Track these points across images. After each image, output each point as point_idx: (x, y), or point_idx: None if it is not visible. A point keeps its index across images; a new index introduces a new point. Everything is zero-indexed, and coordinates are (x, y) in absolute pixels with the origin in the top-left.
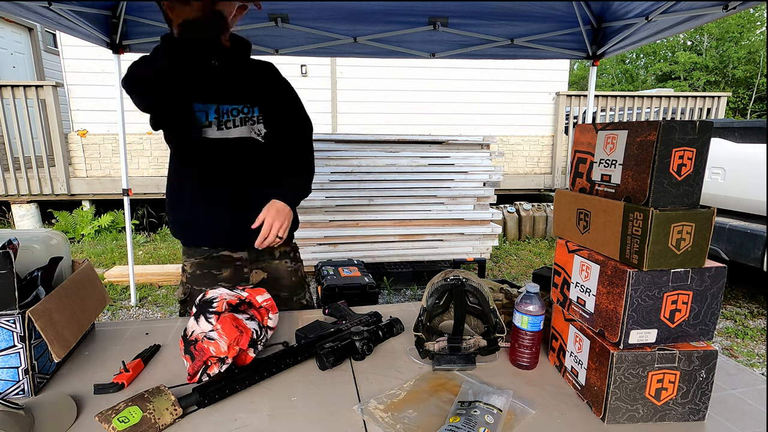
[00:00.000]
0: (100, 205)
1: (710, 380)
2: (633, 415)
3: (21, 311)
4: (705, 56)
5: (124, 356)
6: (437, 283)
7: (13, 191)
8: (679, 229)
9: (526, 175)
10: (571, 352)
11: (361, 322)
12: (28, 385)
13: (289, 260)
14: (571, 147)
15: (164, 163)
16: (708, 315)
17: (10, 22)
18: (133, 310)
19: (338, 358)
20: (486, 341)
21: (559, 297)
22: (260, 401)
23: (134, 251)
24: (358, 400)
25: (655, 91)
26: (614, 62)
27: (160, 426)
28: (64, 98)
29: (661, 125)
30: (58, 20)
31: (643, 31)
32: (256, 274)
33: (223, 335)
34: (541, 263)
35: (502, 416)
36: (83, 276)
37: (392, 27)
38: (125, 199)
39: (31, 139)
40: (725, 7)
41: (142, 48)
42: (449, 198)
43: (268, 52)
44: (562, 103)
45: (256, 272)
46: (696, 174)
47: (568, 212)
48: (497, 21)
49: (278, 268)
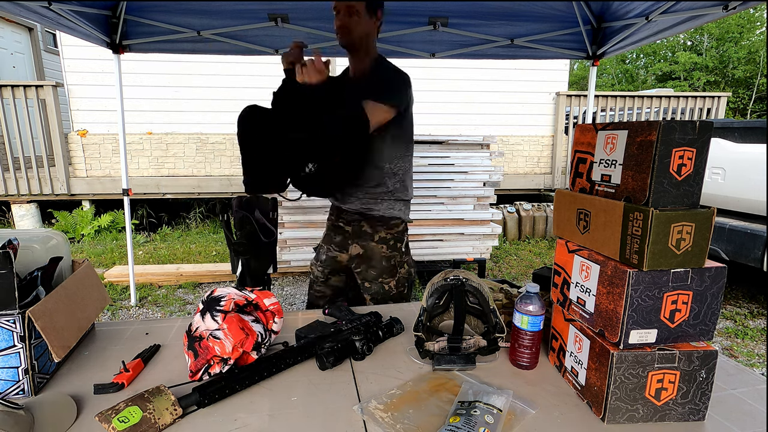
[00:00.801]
0: (100, 205)
1: (710, 380)
2: (633, 415)
3: (21, 311)
4: (705, 56)
5: (124, 356)
6: (437, 283)
7: (13, 191)
8: (679, 229)
9: (526, 175)
10: (571, 352)
11: (361, 322)
12: (28, 385)
13: (386, 246)
14: (571, 147)
15: (164, 163)
16: (708, 315)
17: (10, 22)
18: (133, 310)
19: (338, 358)
20: (486, 341)
21: (559, 297)
22: (260, 401)
23: (134, 251)
24: (358, 400)
25: (655, 91)
26: (614, 62)
27: (160, 426)
28: (64, 98)
29: (661, 125)
30: (58, 20)
31: (643, 31)
32: (354, 247)
33: (229, 336)
34: (541, 263)
35: (502, 416)
36: (83, 276)
37: (392, 27)
38: (125, 199)
39: (31, 139)
40: (725, 7)
41: (142, 48)
42: (449, 198)
43: (268, 52)
44: (562, 103)
45: (354, 246)
46: (696, 174)
47: (568, 212)
48: (497, 21)
49: (374, 250)
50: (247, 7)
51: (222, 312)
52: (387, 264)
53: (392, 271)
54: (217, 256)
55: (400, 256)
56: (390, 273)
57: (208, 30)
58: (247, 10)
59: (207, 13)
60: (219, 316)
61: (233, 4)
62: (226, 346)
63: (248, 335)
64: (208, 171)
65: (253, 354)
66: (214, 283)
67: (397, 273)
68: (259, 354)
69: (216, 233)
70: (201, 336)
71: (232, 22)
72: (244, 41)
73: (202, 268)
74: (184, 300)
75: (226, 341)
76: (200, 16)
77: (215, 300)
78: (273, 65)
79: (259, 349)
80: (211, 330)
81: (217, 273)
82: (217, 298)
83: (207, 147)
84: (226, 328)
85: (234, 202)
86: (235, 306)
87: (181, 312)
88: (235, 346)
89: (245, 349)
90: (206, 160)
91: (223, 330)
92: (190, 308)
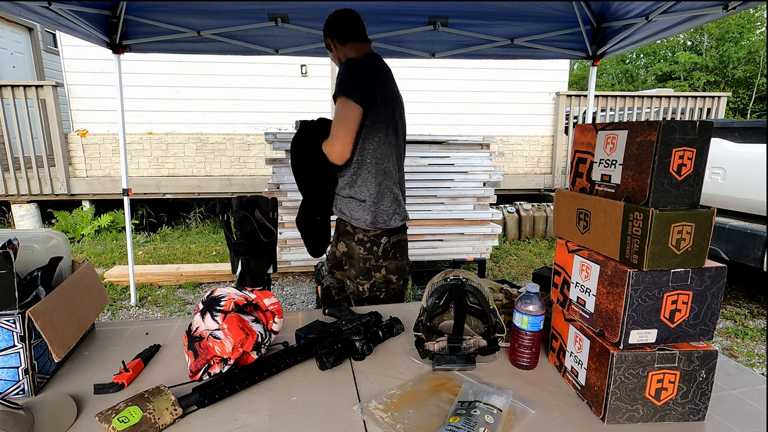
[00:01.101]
0: (100, 205)
1: (710, 380)
2: (633, 415)
3: (21, 311)
4: (705, 56)
5: (124, 356)
6: (437, 283)
7: (13, 191)
8: (679, 229)
9: (526, 175)
10: (571, 352)
11: (361, 322)
12: (28, 385)
13: (363, 249)
14: (571, 147)
15: (164, 163)
16: (708, 315)
17: (10, 22)
18: (133, 310)
19: (338, 358)
20: (486, 341)
21: (559, 297)
22: (260, 401)
23: (134, 251)
24: (358, 400)
25: (655, 91)
26: (614, 62)
27: (160, 426)
28: (64, 98)
29: (661, 125)
30: (58, 20)
31: (643, 31)
32: (341, 245)
33: (229, 336)
34: (541, 263)
35: (502, 416)
36: (83, 276)
37: (392, 27)
38: (125, 199)
39: (31, 139)
40: (725, 7)
41: (142, 48)
42: (449, 198)
43: (268, 52)
44: (562, 103)
45: (341, 243)
46: (696, 174)
47: (568, 212)
48: (497, 21)
49: (354, 250)
50: (247, 7)
51: (222, 312)
52: (362, 266)
53: (367, 274)
54: (217, 256)
55: (375, 260)
56: (365, 276)
57: (208, 30)
58: (247, 10)
59: (207, 13)
60: (219, 316)
61: (233, 4)
62: (226, 346)
63: (248, 335)
64: (208, 171)
65: (253, 354)
66: (214, 283)
67: (372, 277)
68: (259, 354)
69: (216, 233)
70: (201, 336)
71: (232, 22)
72: (244, 41)
73: (202, 268)
74: (184, 300)
75: (226, 341)
76: (200, 16)
77: (215, 300)
78: (273, 65)
79: (259, 349)
80: (211, 330)
81: (217, 273)
82: (217, 298)
83: (207, 147)
84: (226, 328)
85: (234, 202)
86: (235, 306)
87: (181, 312)
88: (235, 346)
89: (245, 349)
90: (206, 160)
91: (223, 330)
92: (190, 308)
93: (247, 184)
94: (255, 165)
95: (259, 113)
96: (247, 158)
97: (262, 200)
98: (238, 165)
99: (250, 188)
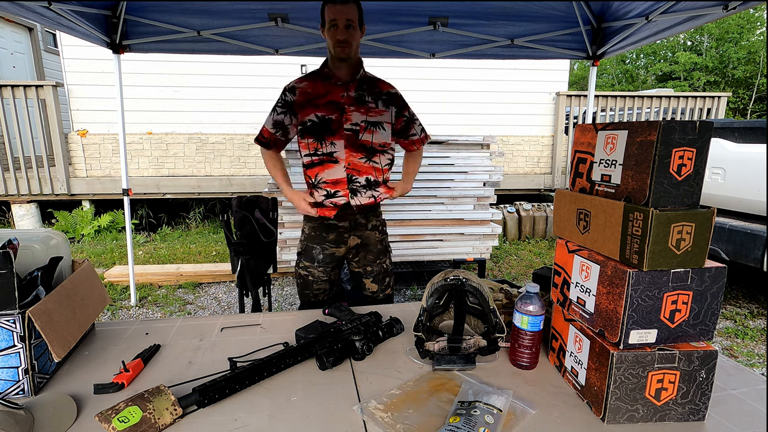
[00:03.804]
0: (100, 205)
1: (710, 380)
2: (633, 415)
3: (21, 311)
4: (705, 56)
5: (124, 356)
6: (437, 283)
7: (13, 191)
8: (679, 229)
9: (526, 175)
10: (571, 352)
11: (361, 322)
12: (28, 385)
13: (378, 232)
14: (571, 147)
15: (164, 163)
16: (708, 315)
17: (10, 22)
18: (133, 310)
19: (338, 358)
20: (486, 341)
21: (559, 297)
22: (260, 401)
23: (134, 251)
24: (358, 400)
25: (655, 91)
26: (614, 62)
27: (160, 426)
28: (64, 98)
29: (661, 125)
30: (58, 20)
31: (643, 31)
32: (353, 239)
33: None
34: (541, 263)
35: (502, 416)
36: (83, 276)
37: (392, 27)
38: (125, 199)
39: (31, 139)
40: (725, 7)
41: (142, 48)
42: (449, 198)
43: (268, 52)
44: (562, 103)
45: (353, 238)
46: (696, 174)
47: (568, 212)
48: (497, 21)
49: (369, 237)
50: (247, 7)
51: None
52: (381, 246)
53: (385, 250)
54: (217, 256)
55: (387, 237)
56: (384, 252)
57: (208, 30)
58: (247, 10)
59: (207, 13)
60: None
61: (233, 4)
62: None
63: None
64: (208, 171)
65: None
66: (214, 283)
67: (387, 251)
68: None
69: (216, 233)
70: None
71: (232, 22)
72: (244, 41)
73: (202, 268)
74: (184, 300)
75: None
76: (200, 16)
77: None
78: (273, 65)
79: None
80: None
81: (217, 273)
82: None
83: (207, 147)
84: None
85: (234, 202)
86: None
87: (181, 312)
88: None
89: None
90: (206, 160)
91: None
92: (190, 308)
93: (247, 184)
94: (255, 165)
95: (259, 113)
96: (247, 158)
97: (262, 200)
98: (238, 165)
99: (250, 188)
